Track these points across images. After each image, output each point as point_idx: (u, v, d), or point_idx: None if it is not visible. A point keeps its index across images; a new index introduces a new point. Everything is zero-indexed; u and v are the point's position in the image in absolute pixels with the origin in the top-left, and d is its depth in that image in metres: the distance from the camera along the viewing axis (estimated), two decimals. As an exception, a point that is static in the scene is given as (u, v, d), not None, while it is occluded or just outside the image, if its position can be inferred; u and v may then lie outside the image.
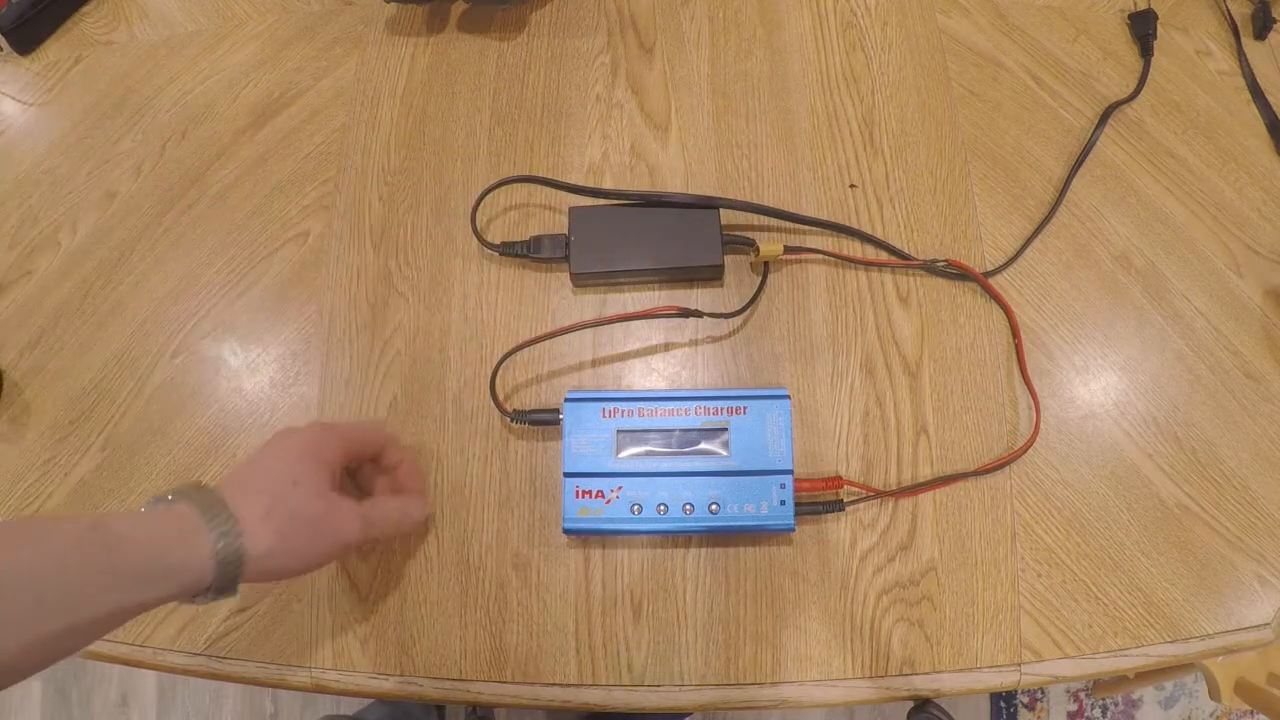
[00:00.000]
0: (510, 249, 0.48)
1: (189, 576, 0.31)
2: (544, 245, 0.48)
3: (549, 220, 0.50)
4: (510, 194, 0.51)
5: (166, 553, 0.31)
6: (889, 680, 0.41)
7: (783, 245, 0.47)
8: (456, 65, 0.55)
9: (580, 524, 0.40)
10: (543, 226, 0.50)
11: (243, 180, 0.53)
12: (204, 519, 0.32)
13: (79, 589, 0.28)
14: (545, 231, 0.49)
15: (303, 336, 0.49)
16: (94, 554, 0.29)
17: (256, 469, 0.36)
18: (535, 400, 0.46)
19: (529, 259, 0.48)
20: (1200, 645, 0.42)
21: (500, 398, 0.45)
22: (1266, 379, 0.46)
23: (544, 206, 0.51)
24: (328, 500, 0.36)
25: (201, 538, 0.32)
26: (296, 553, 0.35)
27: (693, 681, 0.41)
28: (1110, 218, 0.50)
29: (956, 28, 0.56)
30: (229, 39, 0.58)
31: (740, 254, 0.49)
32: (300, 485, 0.35)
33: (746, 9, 0.57)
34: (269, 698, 1.17)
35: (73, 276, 0.51)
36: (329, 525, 0.36)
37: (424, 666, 0.42)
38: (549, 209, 0.51)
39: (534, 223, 0.50)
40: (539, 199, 0.51)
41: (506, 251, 0.48)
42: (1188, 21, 0.57)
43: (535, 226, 0.50)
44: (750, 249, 0.48)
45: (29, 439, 0.48)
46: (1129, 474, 0.45)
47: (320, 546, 0.36)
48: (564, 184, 0.49)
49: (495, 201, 0.51)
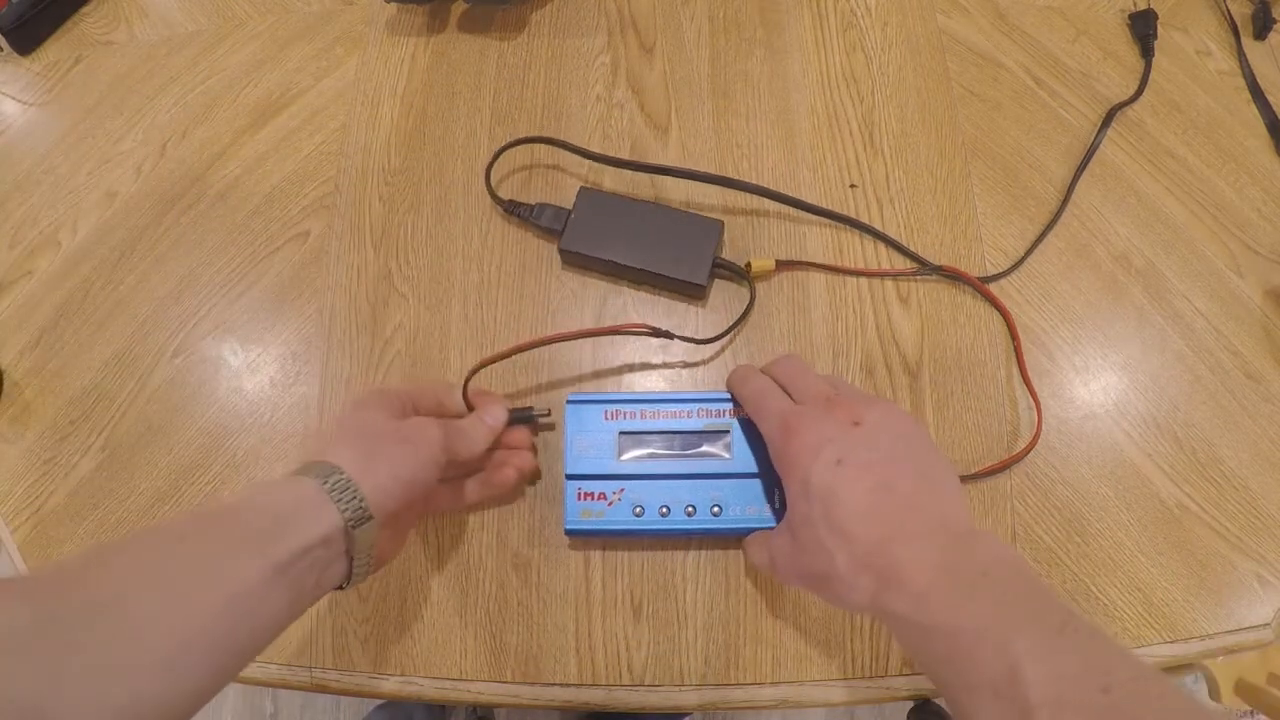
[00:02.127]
0: (515, 209, 0.49)
1: (316, 514, 0.31)
2: (546, 213, 0.48)
3: (557, 196, 0.51)
4: (521, 163, 0.51)
5: (280, 501, 0.31)
6: (889, 680, 0.41)
7: (774, 261, 0.47)
8: (456, 65, 0.55)
9: (582, 525, 0.40)
10: (550, 200, 0.50)
11: (243, 180, 0.53)
12: (299, 472, 0.33)
13: (214, 555, 0.28)
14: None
15: (303, 336, 0.49)
16: (213, 521, 0.30)
17: (325, 429, 0.38)
18: (536, 400, 0.46)
19: (529, 223, 0.49)
20: (1200, 645, 0.42)
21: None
22: (1266, 379, 0.46)
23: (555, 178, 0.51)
24: (400, 421, 0.37)
25: (305, 481, 0.32)
26: (396, 466, 0.34)
27: (693, 681, 0.41)
28: (1110, 218, 0.50)
29: (957, 28, 0.56)
30: (229, 39, 0.58)
31: (729, 281, 0.48)
32: (368, 409, 0.37)
33: (746, 9, 0.57)
34: (269, 698, 1.17)
35: (73, 276, 0.51)
36: (411, 434, 0.36)
37: (424, 666, 0.42)
38: (559, 187, 0.51)
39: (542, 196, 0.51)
40: (549, 176, 0.51)
41: (512, 210, 0.49)
42: (1188, 21, 0.57)
43: (543, 198, 0.50)
44: (742, 280, 0.48)
45: (29, 439, 0.48)
46: (1129, 474, 0.45)
47: (412, 457, 0.35)
48: (577, 147, 0.50)
49: (507, 165, 0.51)
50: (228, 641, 0.28)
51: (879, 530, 0.30)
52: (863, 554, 0.30)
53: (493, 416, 0.41)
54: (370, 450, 0.34)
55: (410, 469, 0.35)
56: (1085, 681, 0.23)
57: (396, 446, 0.35)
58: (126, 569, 0.26)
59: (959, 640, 0.26)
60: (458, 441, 0.38)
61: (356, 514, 0.32)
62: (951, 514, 0.31)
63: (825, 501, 0.32)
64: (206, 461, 0.46)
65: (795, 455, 0.34)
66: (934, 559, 0.29)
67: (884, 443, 0.33)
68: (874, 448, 0.33)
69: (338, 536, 0.32)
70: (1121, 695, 0.23)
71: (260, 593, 0.28)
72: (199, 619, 0.27)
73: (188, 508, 0.46)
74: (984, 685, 0.25)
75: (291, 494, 0.31)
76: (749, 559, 0.40)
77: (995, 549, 0.29)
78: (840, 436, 0.33)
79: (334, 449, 0.34)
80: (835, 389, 0.37)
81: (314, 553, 0.31)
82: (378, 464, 0.34)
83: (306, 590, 0.31)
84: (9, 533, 0.46)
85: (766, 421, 0.37)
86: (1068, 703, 0.23)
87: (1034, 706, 0.23)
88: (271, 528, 0.30)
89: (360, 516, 0.32)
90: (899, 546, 0.30)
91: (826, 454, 0.33)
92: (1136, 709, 0.23)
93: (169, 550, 0.28)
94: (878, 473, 0.32)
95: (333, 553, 0.32)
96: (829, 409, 0.35)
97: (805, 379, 0.38)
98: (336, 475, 0.32)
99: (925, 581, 0.28)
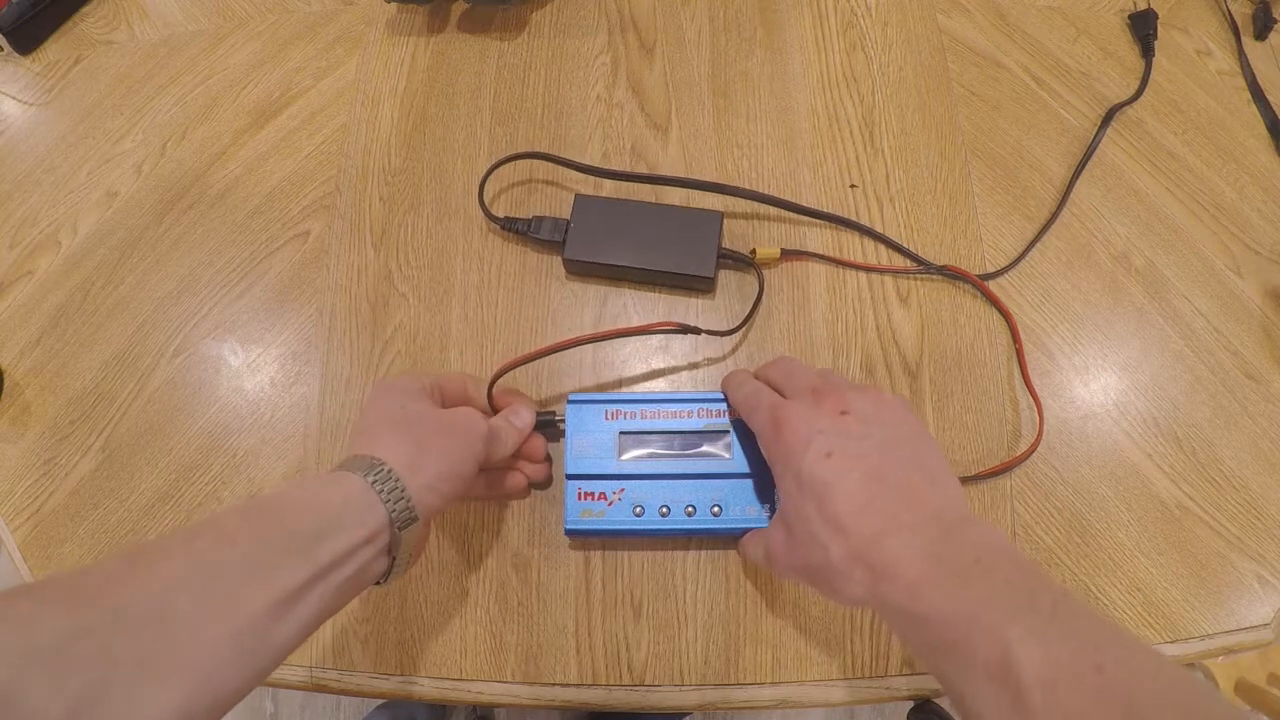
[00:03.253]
0: (513, 224, 0.48)
1: (363, 515, 0.30)
2: (545, 226, 0.48)
3: (553, 208, 0.50)
4: (517, 177, 0.51)
5: (328, 501, 0.30)
6: (889, 680, 0.41)
7: (779, 249, 0.47)
8: (457, 65, 0.55)
9: (582, 525, 0.40)
10: (547, 212, 0.50)
11: (243, 180, 0.53)
12: (344, 467, 0.32)
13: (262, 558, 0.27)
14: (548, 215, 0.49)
15: (303, 336, 0.49)
16: (260, 521, 0.29)
17: (365, 420, 0.36)
18: (535, 401, 0.46)
19: (529, 238, 0.48)
20: (1200, 645, 0.42)
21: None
22: (1266, 379, 0.46)
23: (550, 191, 0.51)
24: (442, 410, 0.37)
25: (352, 478, 0.31)
26: (442, 462, 0.34)
27: (693, 681, 0.41)
28: (1110, 218, 0.50)
29: (957, 28, 0.56)
30: (229, 39, 0.58)
31: (736, 270, 0.49)
32: (410, 398, 0.36)
33: (746, 9, 0.57)
34: (269, 698, 1.17)
35: (73, 276, 0.51)
36: (457, 425, 0.36)
37: (424, 666, 0.42)
38: (554, 199, 0.51)
39: (538, 209, 0.50)
40: (546, 186, 0.51)
41: (509, 226, 0.48)
42: (1188, 21, 0.57)
43: (539, 211, 0.50)
44: (748, 268, 0.48)
45: (29, 439, 0.48)
46: (1129, 474, 0.45)
47: (458, 451, 0.35)
48: (571, 161, 0.49)
49: (500, 181, 0.51)
50: (267, 647, 0.27)
51: (871, 523, 0.30)
52: (856, 547, 0.30)
53: (521, 420, 0.41)
54: (417, 442, 0.34)
55: (457, 465, 0.35)
56: (1078, 661, 0.24)
57: (443, 439, 0.35)
58: (175, 576, 0.26)
59: (952, 628, 0.26)
60: (490, 441, 0.37)
61: (403, 514, 0.32)
62: (943, 502, 0.31)
63: (817, 495, 0.32)
64: (206, 461, 0.46)
65: (786, 448, 0.33)
66: (925, 549, 0.29)
67: (874, 431, 0.33)
68: (865, 436, 0.33)
69: (382, 535, 0.31)
70: (1115, 673, 0.23)
71: (303, 595, 0.28)
72: (244, 625, 0.26)
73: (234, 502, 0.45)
74: (978, 670, 0.25)
75: (339, 493, 0.31)
76: (745, 555, 0.40)
77: (986, 535, 0.29)
78: (830, 428, 0.33)
79: (379, 440, 0.33)
80: (824, 380, 0.36)
81: (358, 553, 0.30)
82: (425, 459, 0.33)
83: (347, 589, 0.31)
84: (9, 533, 0.46)
85: (757, 417, 0.37)
86: (1061, 682, 0.23)
87: (1027, 688, 0.23)
88: (318, 529, 0.29)
89: (407, 517, 0.32)
90: (890, 538, 0.29)
91: (816, 446, 0.32)
92: (1130, 685, 0.23)
93: (219, 556, 0.27)
94: (869, 463, 0.32)
95: (376, 550, 0.31)
96: (817, 400, 0.34)
97: (794, 374, 0.38)
98: (382, 470, 0.32)
99: (917, 572, 0.28)
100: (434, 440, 0.34)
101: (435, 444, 0.34)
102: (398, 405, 0.36)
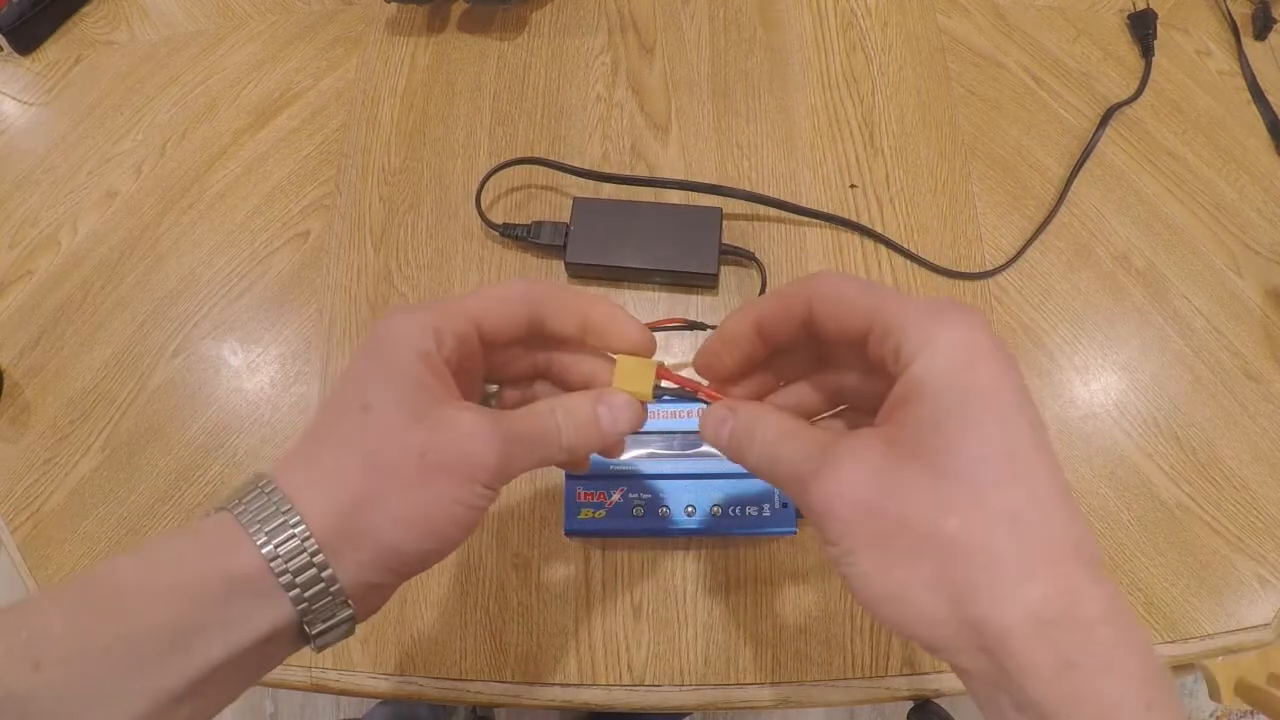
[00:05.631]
0: (511, 231, 0.48)
1: (251, 610, 0.20)
2: (544, 231, 0.48)
3: (551, 212, 0.50)
4: (514, 182, 0.51)
5: (202, 588, 0.20)
6: (889, 680, 0.41)
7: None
8: (457, 65, 0.55)
9: (582, 525, 0.40)
10: (545, 216, 0.50)
11: (243, 180, 0.53)
12: (240, 522, 0.21)
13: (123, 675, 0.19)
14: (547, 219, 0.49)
15: (303, 336, 0.49)
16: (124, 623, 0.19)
17: (323, 411, 0.23)
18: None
19: (528, 243, 0.48)
20: (1200, 645, 0.42)
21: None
22: (1266, 379, 0.46)
23: (547, 195, 0.51)
24: (427, 422, 0.22)
25: (240, 548, 0.20)
26: (404, 519, 0.21)
27: (692, 681, 0.41)
28: (1110, 218, 0.50)
29: (956, 28, 0.56)
30: (229, 39, 0.58)
31: (739, 266, 0.49)
32: (374, 411, 0.22)
33: (746, 9, 0.57)
34: (269, 698, 1.17)
35: (73, 276, 0.51)
36: (440, 455, 0.22)
37: (424, 666, 0.42)
38: (552, 202, 0.51)
39: (536, 214, 0.50)
40: (543, 191, 0.51)
41: (508, 233, 0.48)
42: (1188, 21, 0.57)
43: (537, 215, 0.50)
44: (750, 261, 0.48)
45: (29, 439, 0.48)
46: (1129, 474, 0.45)
47: (440, 492, 0.22)
48: (568, 166, 0.49)
49: (497, 187, 0.51)
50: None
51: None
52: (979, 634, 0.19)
53: (618, 423, 0.27)
54: (367, 494, 0.21)
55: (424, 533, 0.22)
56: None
57: (414, 484, 0.21)
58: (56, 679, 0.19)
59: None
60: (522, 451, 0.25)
61: (322, 611, 0.21)
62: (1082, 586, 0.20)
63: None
64: (206, 461, 0.46)
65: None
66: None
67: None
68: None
69: (285, 635, 0.21)
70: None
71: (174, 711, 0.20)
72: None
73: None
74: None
75: (216, 570, 0.20)
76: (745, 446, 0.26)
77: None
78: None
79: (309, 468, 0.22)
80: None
81: (242, 659, 0.21)
82: (372, 517, 0.21)
83: (243, 683, 0.22)
84: (9, 533, 0.46)
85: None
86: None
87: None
88: (171, 640, 0.20)
89: (325, 614, 0.21)
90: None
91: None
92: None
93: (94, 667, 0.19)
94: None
95: (283, 644, 0.22)
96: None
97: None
98: (288, 534, 0.20)
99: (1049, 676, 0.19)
100: (394, 495, 0.21)
101: (394, 493, 0.21)
102: (355, 411, 0.22)
